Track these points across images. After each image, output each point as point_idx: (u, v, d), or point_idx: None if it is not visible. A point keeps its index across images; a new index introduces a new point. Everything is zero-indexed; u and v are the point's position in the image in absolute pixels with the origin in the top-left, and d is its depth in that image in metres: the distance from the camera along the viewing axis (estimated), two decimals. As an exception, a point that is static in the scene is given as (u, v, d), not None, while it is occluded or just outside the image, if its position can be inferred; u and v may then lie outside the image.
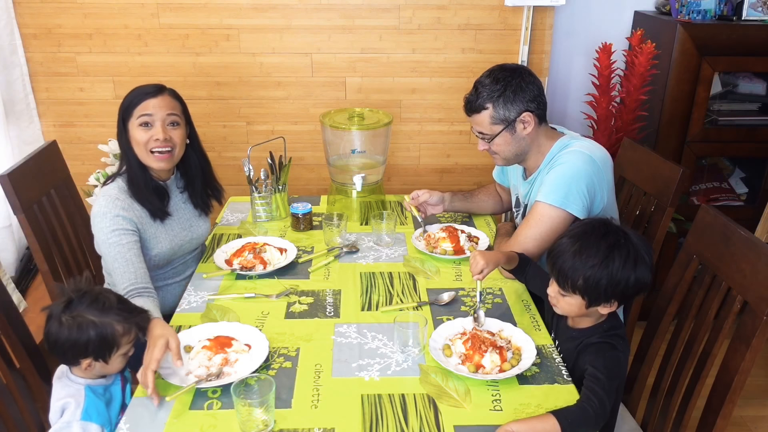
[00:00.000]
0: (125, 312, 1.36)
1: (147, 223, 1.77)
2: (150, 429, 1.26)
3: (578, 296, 1.39)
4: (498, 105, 1.73)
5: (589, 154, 1.71)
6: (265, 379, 1.27)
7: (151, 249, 1.78)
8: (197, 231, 1.93)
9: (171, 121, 1.75)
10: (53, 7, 2.65)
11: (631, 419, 1.73)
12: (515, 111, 1.73)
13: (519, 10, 2.68)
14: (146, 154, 1.74)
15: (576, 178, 1.68)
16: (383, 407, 1.32)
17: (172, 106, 1.75)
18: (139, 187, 1.76)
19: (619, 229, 1.40)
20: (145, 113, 1.71)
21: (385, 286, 1.80)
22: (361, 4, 2.67)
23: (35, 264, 2.30)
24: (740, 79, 2.79)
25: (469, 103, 1.77)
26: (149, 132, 1.72)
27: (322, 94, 2.82)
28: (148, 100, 1.72)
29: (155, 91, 1.74)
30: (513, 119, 1.74)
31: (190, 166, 1.89)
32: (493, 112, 1.74)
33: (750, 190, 2.92)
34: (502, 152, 1.82)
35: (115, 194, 1.73)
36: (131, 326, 1.37)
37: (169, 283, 1.90)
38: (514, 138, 1.77)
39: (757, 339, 1.33)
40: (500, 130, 1.75)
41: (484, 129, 1.77)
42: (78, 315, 1.31)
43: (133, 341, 1.39)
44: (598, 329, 1.46)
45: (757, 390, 2.55)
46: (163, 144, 1.73)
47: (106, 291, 1.39)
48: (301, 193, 2.75)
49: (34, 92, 2.77)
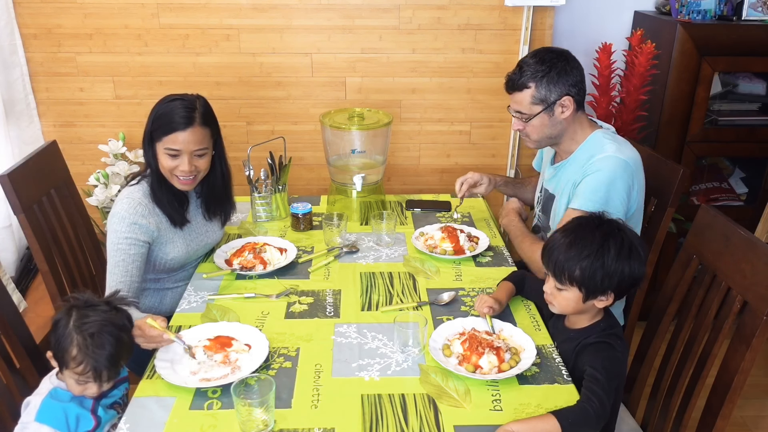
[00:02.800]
0: (113, 319, 1.34)
1: (166, 228, 1.78)
2: (150, 429, 1.26)
3: (575, 289, 1.40)
4: (541, 85, 1.72)
5: (624, 159, 1.70)
6: (265, 379, 1.27)
7: (167, 253, 1.79)
8: (213, 236, 1.95)
9: (198, 154, 1.73)
10: (53, 7, 2.65)
11: (631, 419, 1.73)
12: (557, 93, 1.72)
13: (519, 10, 2.68)
14: (170, 175, 1.74)
15: (614, 185, 1.68)
16: (383, 407, 1.32)
17: (200, 140, 1.71)
18: (163, 194, 1.76)
19: (612, 221, 1.42)
20: (174, 147, 1.69)
21: (385, 286, 1.80)
22: (361, 4, 2.67)
23: (35, 264, 2.30)
24: (740, 79, 2.79)
25: (512, 81, 1.76)
26: (175, 161, 1.71)
27: (322, 94, 2.82)
28: (177, 134, 1.67)
29: (185, 122, 1.68)
30: (553, 101, 1.73)
31: (216, 177, 1.86)
32: (534, 92, 1.73)
33: (750, 190, 2.92)
34: (535, 133, 1.79)
35: (139, 198, 1.73)
36: (87, 364, 1.29)
37: (180, 285, 1.90)
38: (551, 120, 1.76)
39: (757, 339, 1.33)
40: (539, 111, 1.74)
41: (523, 108, 1.76)
42: (82, 316, 1.31)
43: (84, 378, 1.32)
44: (596, 328, 1.46)
45: (757, 390, 2.55)
46: (188, 174, 1.73)
47: (104, 300, 1.38)
48: (301, 193, 2.75)
49: (34, 92, 2.77)
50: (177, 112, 1.68)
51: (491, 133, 2.89)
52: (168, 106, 1.70)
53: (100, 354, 1.30)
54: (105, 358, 1.30)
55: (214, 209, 1.92)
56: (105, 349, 1.30)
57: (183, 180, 1.74)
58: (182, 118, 1.68)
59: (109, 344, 1.31)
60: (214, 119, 1.79)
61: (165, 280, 1.88)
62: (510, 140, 2.88)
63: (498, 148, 2.92)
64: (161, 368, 1.40)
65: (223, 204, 1.94)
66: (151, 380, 1.40)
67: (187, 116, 1.69)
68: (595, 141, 1.78)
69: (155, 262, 1.81)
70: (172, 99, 1.72)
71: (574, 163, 1.80)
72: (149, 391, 1.37)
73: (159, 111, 1.71)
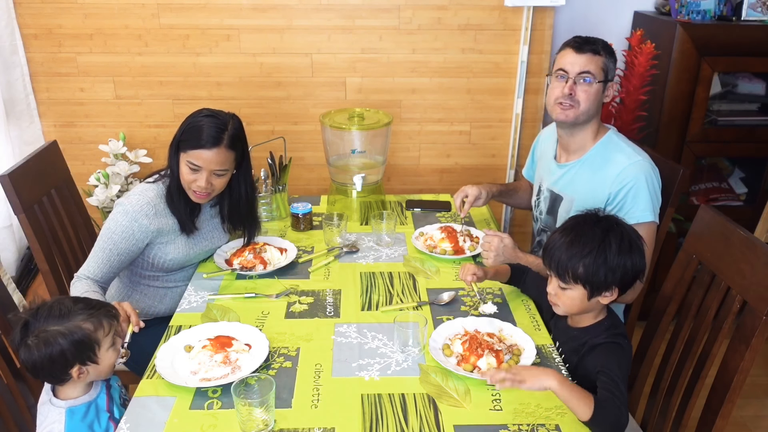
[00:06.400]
0: (87, 309, 1.34)
1: (172, 230, 1.79)
2: (150, 429, 1.26)
3: (580, 286, 1.40)
4: (609, 61, 1.77)
5: (650, 163, 1.75)
6: (265, 379, 1.28)
7: (167, 253, 1.80)
8: (217, 243, 1.95)
9: (218, 174, 1.74)
10: (54, 8, 2.65)
11: (631, 419, 1.73)
12: (612, 75, 1.79)
13: (519, 11, 2.68)
14: (187, 187, 1.75)
15: (655, 190, 1.73)
16: (383, 407, 1.32)
17: (222, 161, 1.71)
18: (179, 200, 1.78)
19: (609, 217, 1.44)
20: (195, 163, 1.69)
21: (385, 286, 1.80)
22: (361, 5, 2.68)
23: (36, 264, 2.30)
24: (740, 79, 2.79)
25: (587, 42, 1.76)
26: (194, 175, 1.72)
27: (322, 94, 2.82)
28: (202, 151, 1.68)
29: (213, 142, 1.68)
30: (610, 79, 1.78)
31: (240, 197, 1.87)
32: (606, 62, 1.76)
33: (749, 190, 2.92)
34: (586, 102, 1.75)
35: (150, 198, 1.74)
36: (100, 319, 1.34)
37: (180, 285, 1.90)
38: (599, 97, 1.78)
39: (756, 339, 1.33)
40: (602, 80, 1.76)
41: (594, 69, 1.75)
42: (41, 332, 1.28)
43: (111, 332, 1.36)
44: (600, 327, 1.46)
45: (757, 390, 2.55)
46: (203, 190, 1.73)
47: (59, 299, 1.36)
48: (301, 193, 2.75)
49: (35, 92, 2.77)
50: (207, 130, 1.69)
51: (491, 133, 2.89)
52: (201, 121, 1.71)
53: (93, 303, 1.37)
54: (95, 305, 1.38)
55: (236, 225, 1.94)
56: (85, 300, 1.39)
57: (198, 194, 1.75)
58: (210, 137, 1.68)
59: (75, 300, 1.37)
60: (243, 142, 1.79)
61: (163, 278, 1.88)
62: (510, 140, 2.89)
63: (498, 148, 2.92)
64: (161, 368, 1.40)
65: (247, 222, 1.94)
66: (151, 380, 1.40)
67: (216, 136, 1.69)
68: (611, 142, 1.80)
69: (153, 260, 1.81)
70: (207, 114, 1.73)
71: (591, 163, 1.80)
72: (149, 390, 1.37)
73: (191, 123, 1.72)
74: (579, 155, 1.83)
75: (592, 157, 1.80)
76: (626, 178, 1.71)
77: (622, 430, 1.24)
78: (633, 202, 1.71)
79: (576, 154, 1.84)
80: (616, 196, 1.72)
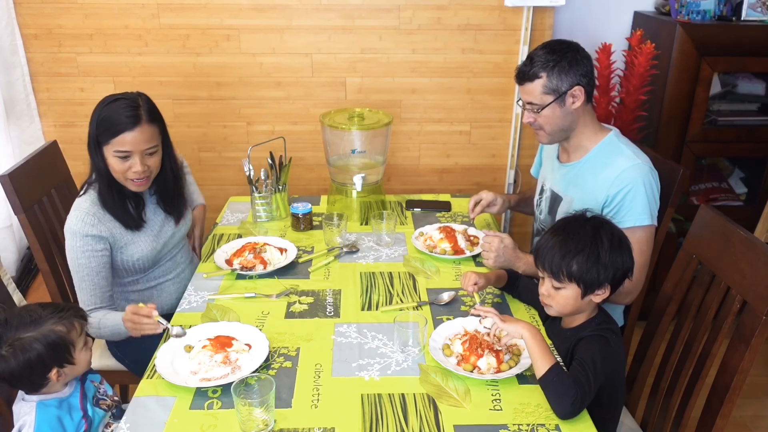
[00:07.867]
0: (57, 312, 1.35)
1: (122, 232, 1.73)
2: (150, 429, 1.26)
3: (573, 285, 1.41)
4: (552, 75, 1.71)
5: (649, 166, 1.73)
6: (265, 379, 1.28)
7: (132, 255, 1.76)
8: (178, 228, 1.89)
9: (149, 153, 1.67)
10: (54, 8, 2.65)
11: (630, 419, 1.73)
12: (567, 83, 1.71)
13: (519, 11, 2.68)
14: (123, 179, 1.68)
15: (653, 193, 1.72)
16: (383, 407, 1.32)
17: (149, 138, 1.65)
18: (113, 200, 1.70)
19: (597, 216, 1.48)
20: (123, 149, 1.62)
21: (385, 286, 1.80)
22: (361, 4, 2.68)
23: (36, 264, 2.30)
24: (739, 79, 2.79)
25: (522, 72, 1.75)
26: (126, 163, 1.64)
27: (322, 94, 2.82)
28: (125, 134, 1.61)
29: (132, 122, 1.61)
30: (564, 91, 1.72)
31: (167, 175, 1.80)
32: (546, 81, 1.72)
33: (749, 190, 2.92)
34: (548, 125, 1.77)
35: (86, 208, 1.67)
36: (71, 320, 1.35)
37: (162, 281, 1.88)
38: (562, 111, 1.74)
39: (756, 339, 1.33)
40: (550, 101, 1.73)
41: (534, 99, 1.74)
42: (14, 340, 1.29)
43: (83, 332, 1.39)
44: (591, 323, 1.48)
45: (756, 390, 2.55)
46: (141, 174, 1.67)
47: (25, 307, 1.37)
48: (301, 193, 2.75)
49: (35, 92, 2.77)
50: (121, 113, 1.61)
51: (491, 133, 2.89)
52: (111, 108, 1.63)
53: (60, 306, 1.38)
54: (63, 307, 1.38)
55: (171, 206, 1.86)
56: (52, 305, 1.39)
57: (137, 182, 1.68)
58: (128, 117, 1.61)
59: (42, 305, 1.37)
60: (160, 115, 1.71)
61: (143, 279, 1.84)
62: (510, 140, 2.89)
63: (498, 148, 2.92)
64: (161, 368, 1.40)
65: (176, 201, 1.87)
66: (151, 380, 1.40)
67: (133, 115, 1.62)
68: (612, 144, 1.79)
69: (123, 266, 1.77)
70: (113, 99, 1.65)
71: (591, 165, 1.80)
72: (149, 390, 1.37)
73: (102, 114, 1.63)
74: (579, 156, 1.83)
75: (592, 160, 1.80)
76: (624, 180, 1.70)
77: (567, 410, 1.26)
78: (630, 205, 1.70)
79: (576, 155, 1.84)
80: (614, 199, 1.72)
